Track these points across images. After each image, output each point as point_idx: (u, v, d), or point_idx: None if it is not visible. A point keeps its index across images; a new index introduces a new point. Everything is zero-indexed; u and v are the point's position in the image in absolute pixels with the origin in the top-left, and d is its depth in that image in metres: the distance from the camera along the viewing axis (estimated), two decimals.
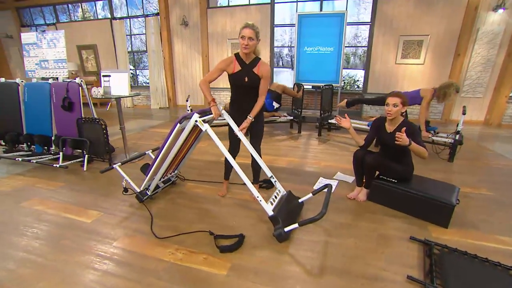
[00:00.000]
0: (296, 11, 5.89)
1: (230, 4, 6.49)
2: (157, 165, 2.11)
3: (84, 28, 7.64)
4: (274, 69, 7.06)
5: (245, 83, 2.01)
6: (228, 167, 2.35)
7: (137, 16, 7.35)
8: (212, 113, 2.02)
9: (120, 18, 7.24)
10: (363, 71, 5.81)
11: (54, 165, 2.79)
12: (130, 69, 7.93)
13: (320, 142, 4.13)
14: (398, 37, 5.32)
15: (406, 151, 2.11)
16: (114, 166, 2.28)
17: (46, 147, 3.21)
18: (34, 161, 2.91)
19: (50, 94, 3.09)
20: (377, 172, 2.23)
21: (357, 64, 6.31)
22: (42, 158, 3.03)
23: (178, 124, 1.90)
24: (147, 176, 2.18)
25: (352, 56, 6.45)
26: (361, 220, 1.99)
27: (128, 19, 7.42)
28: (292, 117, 4.65)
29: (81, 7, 8.01)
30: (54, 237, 1.78)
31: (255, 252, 1.65)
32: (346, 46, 5.95)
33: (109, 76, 2.94)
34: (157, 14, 6.85)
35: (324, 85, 4.36)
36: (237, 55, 2.02)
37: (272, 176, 2.11)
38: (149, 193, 2.24)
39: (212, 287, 1.37)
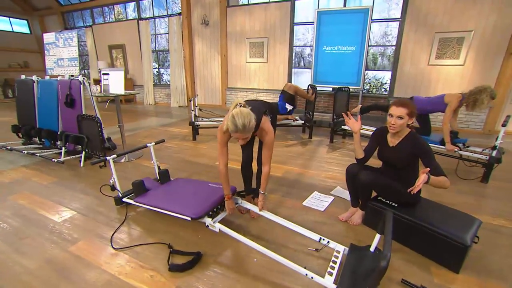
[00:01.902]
0: (318, 7, 5.52)
1: (249, 2, 6.33)
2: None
3: (114, 29, 8.12)
4: (295, 69, 6.73)
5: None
6: (246, 179, 2.13)
7: (161, 16, 7.57)
8: (226, 209, 1.85)
9: (146, 19, 7.53)
10: (390, 73, 5.22)
11: (53, 159, 2.89)
12: (154, 68, 8.23)
13: (329, 150, 3.77)
14: (433, 34, 4.66)
15: (411, 169, 1.74)
16: (107, 158, 2.08)
17: (53, 142, 3.36)
18: (38, 154, 3.06)
19: (57, 91, 3.22)
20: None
21: (385, 66, 5.70)
22: (47, 152, 3.17)
23: (189, 218, 1.67)
24: (134, 201, 1.99)
25: (380, 56, 5.84)
26: None
27: (153, 19, 7.68)
28: (303, 121, 4.32)
29: (114, 9, 8.50)
30: (18, 234, 1.78)
31: (206, 275, 1.45)
32: (370, 46, 5.42)
33: (108, 74, 2.96)
34: (180, 14, 6.97)
35: (338, 87, 3.97)
36: None
37: (321, 238, 1.63)
38: (128, 200, 2.14)
39: None
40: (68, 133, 3.09)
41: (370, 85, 6.20)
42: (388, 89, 5.40)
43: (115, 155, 2.15)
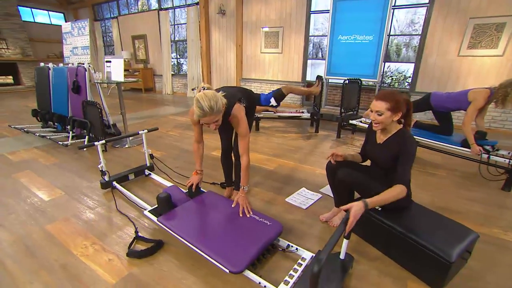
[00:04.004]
0: None
1: None
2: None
3: (137, 20, 8.38)
4: (312, 61, 6.44)
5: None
6: (227, 171, 2.10)
7: (179, 6, 7.63)
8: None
9: (166, 9, 7.65)
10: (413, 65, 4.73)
11: (59, 142, 3.06)
12: (174, 58, 8.39)
13: (334, 145, 3.55)
14: (466, 20, 4.11)
15: None
16: (95, 143, 2.11)
17: (64, 126, 3.57)
18: (48, 137, 3.27)
19: (67, 78, 3.39)
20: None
21: (410, 57, 5.19)
22: (57, 135, 3.38)
23: (227, 271, 1.26)
24: (158, 220, 1.62)
25: (405, 47, 5.33)
26: None
27: (173, 10, 7.78)
28: (309, 114, 4.12)
29: (138, 0, 8.75)
30: (8, 209, 1.90)
31: (162, 264, 1.42)
32: (391, 35, 4.97)
33: (110, 61, 3.04)
34: (197, 3, 6.97)
35: (348, 79, 3.70)
36: None
37: (289, 244, 1.52)
38: (115, 184, 2.19)
39: None
40: (75, 118, 3.26)
41: (392, 78, 5.72)
42: (410, 82, 4.93)
43: (103, 141, 2.20)
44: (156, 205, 1.78)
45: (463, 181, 2.52)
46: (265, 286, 1.23)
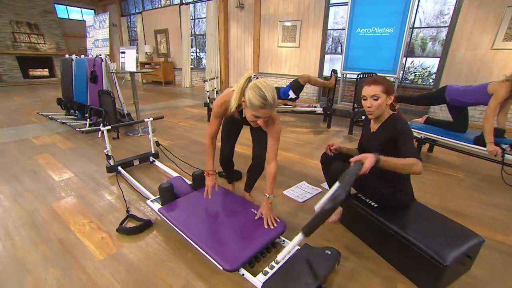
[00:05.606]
0: None
1: None
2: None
3: (160, 14, 8.63)
4: (331, 55, 6.24)
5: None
6: (229, 172, 1.97)
7: (200, 1, 7.72)
8: None
9: (187, 4, 7.79)
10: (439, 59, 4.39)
11: (76, 129, 3.26)
12: (193, 52, 8.54)
13: (344, 141, 3.42)
14: (503, 9, 3.72)
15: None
16: (101, 128, 2.21)
17: (83, 114, 3.79)
18: (68, 124, 3.49)
19: (87, 68, 3.58)
20: None
21: (437, 52, 4.82)
22: (77, 122, 3.60)
23: (221, 268, 1.22)
24: (159, 210, 1.60)
25: (431, 41, 4.95)
26: None
27: (194, 4, 7.90)
28: (321, 109, 4.00)
29: None
30: (23, 187, 2.06)
31: (150, 246, 1.46)
32: (415, 27, 4.64)
33: (124, 52, 3.16)
34: None
35: (362, 73, 3.52)
36: (239, 108, 1.39)
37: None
38: (120, 169, 2.29)
39: (72, 271, 1.28)
40: (92, 107, 3.44)
41: (415, 74, 5.36)
42: (434, 79, 4.59)
43: (109, 127, 2.30)
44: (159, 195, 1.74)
45: (481, 184, 2.31)
46: (243, 274, 1.22)
